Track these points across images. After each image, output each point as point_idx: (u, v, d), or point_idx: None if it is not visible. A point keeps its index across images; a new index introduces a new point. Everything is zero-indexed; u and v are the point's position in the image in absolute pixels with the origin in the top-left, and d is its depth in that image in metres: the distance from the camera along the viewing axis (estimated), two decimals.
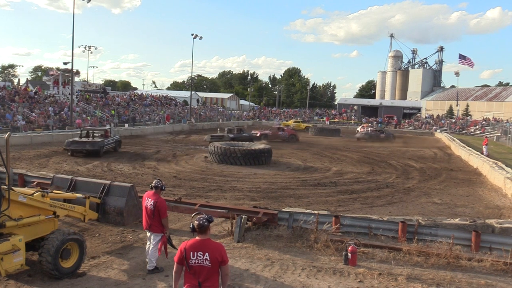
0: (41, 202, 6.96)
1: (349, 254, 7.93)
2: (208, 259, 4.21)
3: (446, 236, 8.86)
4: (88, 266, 7.46)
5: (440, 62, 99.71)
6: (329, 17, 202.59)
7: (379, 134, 41.97)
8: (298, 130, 45.68)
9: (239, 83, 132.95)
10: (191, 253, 4.24)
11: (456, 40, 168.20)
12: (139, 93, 64.57)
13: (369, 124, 55.95)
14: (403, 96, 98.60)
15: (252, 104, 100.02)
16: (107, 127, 28.19)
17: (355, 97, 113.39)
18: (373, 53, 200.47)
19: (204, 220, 4.32)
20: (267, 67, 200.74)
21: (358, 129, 48.13)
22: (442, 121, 65.20)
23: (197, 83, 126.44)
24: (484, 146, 28.99)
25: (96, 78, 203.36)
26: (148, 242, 7.39)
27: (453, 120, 64.78)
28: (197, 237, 4.32)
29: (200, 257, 4.23)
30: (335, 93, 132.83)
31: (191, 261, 4.24)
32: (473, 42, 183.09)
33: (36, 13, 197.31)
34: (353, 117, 69.34)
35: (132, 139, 31.76)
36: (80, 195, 8.29)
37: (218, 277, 4.34)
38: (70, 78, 38.18)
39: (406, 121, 67.07)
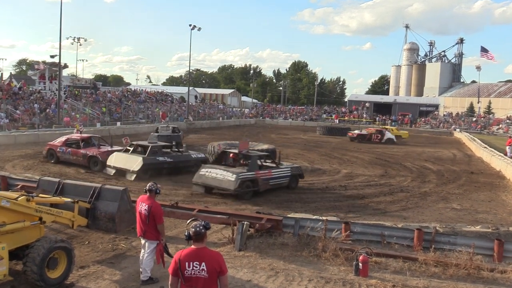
0: (26, 207, 6.97)
1: (360, 264, 7.92)
2: (205, 269, 4.21)
3: (466, 245, 8.85)
4: (76, 277, 7.48)
5: (460, 55, 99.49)
6: (340, 6, 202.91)
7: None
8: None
9: (241, 78, 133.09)
10: (187, 263, 4.24)
11: (478, 32, 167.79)
12: (133, 89, 64.73)
13: None
14: (419, 92, 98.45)
15: (255, 100, 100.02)
16: None
17: (367, 93, 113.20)
18: (388, 46, 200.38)
19: (201, 227, 4.32)
20: (272, 61, 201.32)
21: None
22: (462, 119, 65.10)
23: (196, 78, 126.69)
24: (508, 147, 28.89)
25: (86, 72, 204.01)
26: (143, 250, 7.40)
27: (474, 119, 64.64)
28: (192, 246, 4.32)
29: (196, 267, 4.22)
30: (345, 89, 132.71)
31: (186, 272, 4.23)
32: (497, 33, 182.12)
33: (21, 1, 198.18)
34: (364, 115, 69.24)
35: None
36: (68, 200, 8.29)
37: None
38: (58, 73, 38.28)
39: (423, 119, 66.97)
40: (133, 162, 16.89)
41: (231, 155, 15.78)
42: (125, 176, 16.96)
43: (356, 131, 40.92)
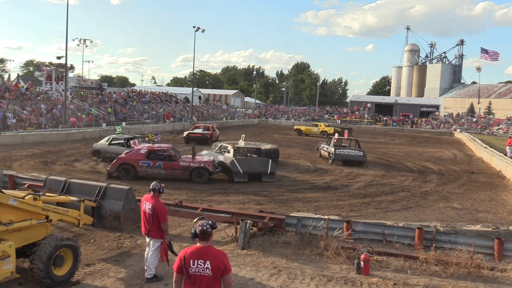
0: (32, 205, 6.99)
1: (362, 263, 7.90)
2: (209, 267, 4.21)
3: (466, 244, 8.82)
4: (82, 274, 7.49)
5: (460, 57, 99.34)
6: (343, 8, 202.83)
7: None
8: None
9: (244, 79, 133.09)
10: (191, 261, 4.24)
11: (480, 33, 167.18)
12: (138, 90, 64.80)
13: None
14: (420, 93, 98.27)
15: (258, 101, 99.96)
16: None
17: (369, 94, 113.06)
18: (390, 47, 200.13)
19: (208, 226, 4.32)
20: (276, 62, 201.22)
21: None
22: (462, 120, 64.89)
23: (200, 79, 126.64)
24: (508, 147, 28.78)
25: (92, 73, 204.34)
26: (147, 249, 7.41)
27: (474, 119, 64.42)
28: (198, 244, 4.32)
29: (200, 265, 4.22)
30: (347, 89, 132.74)
31: (191, 270, 4.24)
32: (498, 34, 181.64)
33: (29, 3, 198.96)
34: (366, 116, 69.14)
35: None
36: (74, 198, 8.31)
37: (220, 287, 4.34)
38: (64, 74, 38.36)
39: (424, 120, 66.79)
40: (266, 165, 17.62)
41: (335, 140, 23.49)
42: (261, 179, 17.31)
43: (190, 130, 31.99)
